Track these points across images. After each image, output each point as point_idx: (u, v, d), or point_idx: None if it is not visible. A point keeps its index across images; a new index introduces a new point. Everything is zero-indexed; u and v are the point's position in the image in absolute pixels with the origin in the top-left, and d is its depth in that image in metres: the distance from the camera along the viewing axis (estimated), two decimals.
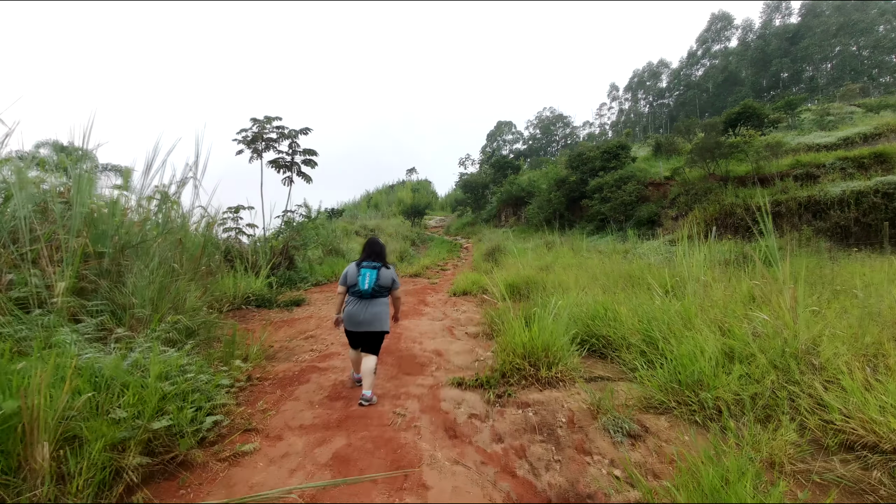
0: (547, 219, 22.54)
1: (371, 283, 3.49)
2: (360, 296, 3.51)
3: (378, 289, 3.53)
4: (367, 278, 3.50)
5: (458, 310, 7.58)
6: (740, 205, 14.76)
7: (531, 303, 6.93)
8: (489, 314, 5.78)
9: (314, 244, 14.05)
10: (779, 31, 53.01)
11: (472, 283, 9.75)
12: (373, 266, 3.56)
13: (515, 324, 3.90)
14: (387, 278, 3.59)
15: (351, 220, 27.69)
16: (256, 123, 11.51)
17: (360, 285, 3.49)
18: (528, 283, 8.62)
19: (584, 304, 5.26)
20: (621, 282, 6.98)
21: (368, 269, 3.55)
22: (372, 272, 3.53)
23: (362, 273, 3.53)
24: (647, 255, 12.41)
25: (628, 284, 6.76)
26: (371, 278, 3.51)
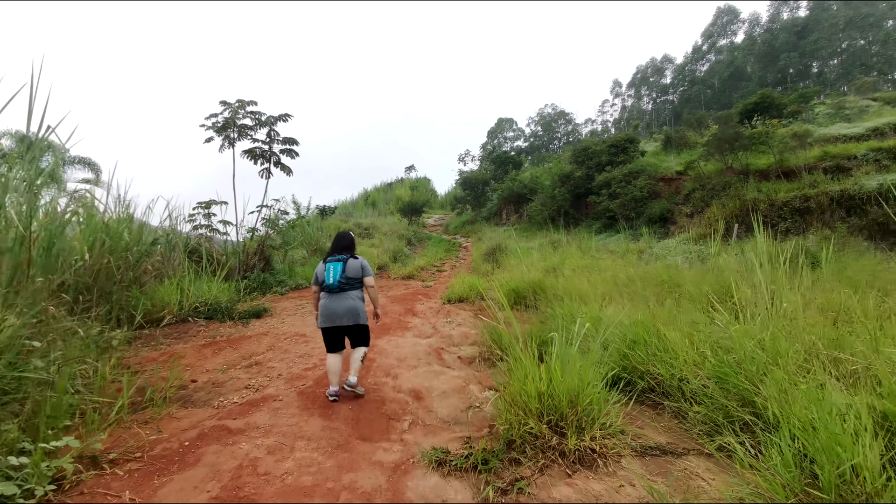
0: (551, 216, 21.27)
1: (336, 275, 3.37)
2: (330, 290, 3.37)
3: (346, 281, 3.38)
4: (331, 272, 3.39)
5: (452, 322, 6.32)
6: (764, 200, 13.48)
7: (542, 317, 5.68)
8: (490, 333, 4.51)
9: (297, 243, 12.78)
10: (787, 25, 51.65)
11: (469, 287, 8.49)
12: (337, 259, 3.45)
13: (527, 362, 2.63)
14: (354, 269, 3.45)
15: (345, 217, 26.45)
16: (228, 108, 10.24)
17: (328, 279, 3.38)
18: (535, 288, 7.36)
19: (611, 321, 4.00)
20: (651, 290, 5.71)
21: (333, 262, 3.44)
22: (337, 265, 3.42)
23: (327, 267, 3.43)
24: (666, 256, 11.14)
25: (661, 293, 5.49)
26: (336, 271, 3.39)
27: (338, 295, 3.36)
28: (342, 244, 3.63)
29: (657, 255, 11.42)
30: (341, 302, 3.33)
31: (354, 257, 3.52)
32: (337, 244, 3.64)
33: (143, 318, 5.49)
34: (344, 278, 3.37)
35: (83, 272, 5.16)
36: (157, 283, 6.42)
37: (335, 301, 3.34)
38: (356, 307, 3.37)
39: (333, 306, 3.32)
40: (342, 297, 3.35)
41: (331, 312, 3.32)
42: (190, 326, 5.54)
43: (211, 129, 10.23)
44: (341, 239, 3.69)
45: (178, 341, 4.92)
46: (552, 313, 5.48)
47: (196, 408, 3.11)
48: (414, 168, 49.74)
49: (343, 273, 3.37)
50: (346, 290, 3.37)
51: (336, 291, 3.35)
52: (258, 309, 6.29)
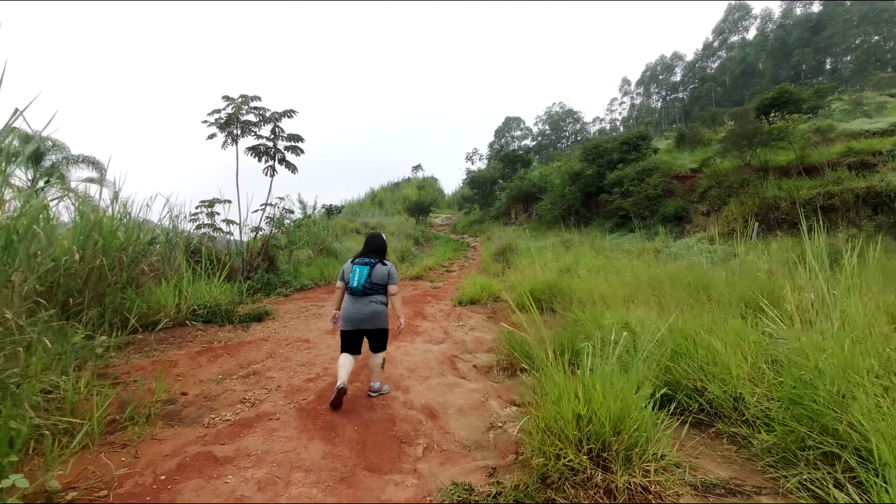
0: (561, 215, 20.85)
1: (361, 279, 3.30)
2: (353, 293, 3.32)
3: (370, 286, 3.32)
4: (356, 275, 3.32)
5: (464, 325, 5.95)
6: (785, 197, 12.98)
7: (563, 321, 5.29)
8: (508, 339, 4.14)
9: (302, 243, 12.48)
10: (800, 21, 50.69)
11: (481, 288, 8.11)
12: (365, 262, 3.37)
13: (559, 378, 2.26)
14: (380, 275, 3.37)
15: (351, 217, 26.16)
16: (231, 103, 9.94)
17: (351, 282, 3.32)
18: (552, 290, 6.97)
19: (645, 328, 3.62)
20: (678, 292, 5.30)
21: (360, 265, 3.36)
22: (363, 269, 3.34)
23: (353, 269, 3.36)
24: (685, 255, 10.70)
25: (690, 296, 5.08)
26: (361, 275, 3.31)
27: (360, 298, 3.32)
28: (373, 246, 3.55)
29: (675, 254, 10.98)
30: (364, 306, 3.29)
31: (383, 263, 3.43)
32: (368, 245, 3.57)
33: (137, 322, 5.18)
34: (368, 283, 3.31)
35: (74, 273, 4.86)
36: (156, 284, 6.12)
37: (358, 304, 3.30)
38: (378, 311, 3.34)
39: (355, 310, 3.29)
40: (365, 301, 3.31)
41: (353, 316, 3.29)
42: (187, 331, 5.21)
43: (213, 126, 9.93)
44: (373, 240, 3.60)
45: (172, 347, 4.59)
46: (574, 318, 5.10)
47: (183, 426, 2.77)
48: (421, 167, 49.51)
49: (368, 278, 3.31)
50: (369, 294, 3.33)
51: (359, 295, 3.31)
52: (259, 312, 5.95)
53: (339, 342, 3.38)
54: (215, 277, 6.94)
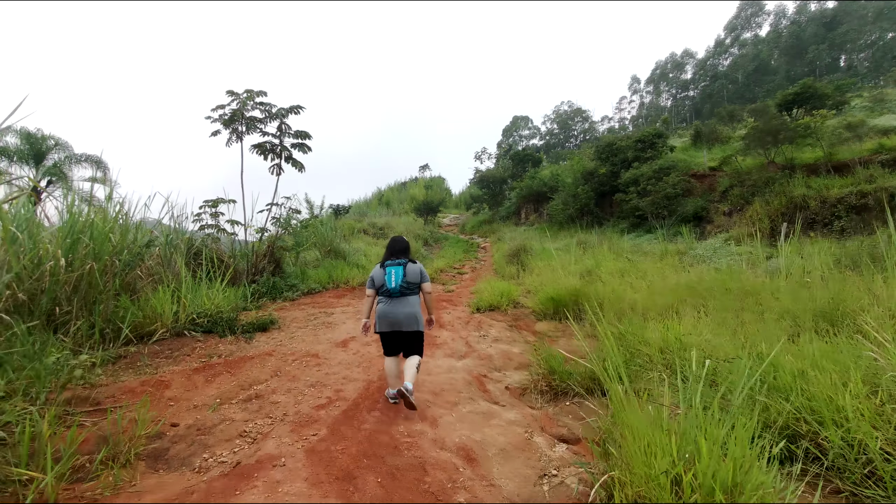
0: (573, 216, 20.28)
1: (398, 279, 3.28)
2: (390, 295, 3.31)
3: (406, 285, 3.31)
4: (393, 276, 3.30)
5: (486, 336, 5.45)
6: (814, 196, 12.34)
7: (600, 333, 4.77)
8: (545, 356, 3.63)
9: (309, 244, 12.02)
10: (815, 16, 49.65)
11: (499, 294, 7.60)
12: (398, 263, 3.36)
13: (641, 422, 1.75)
14: (414, 273, 3.39)
15: (359, 217, 25.73)
16: (235, 98, 9.50)
17: (388, 283, 3.28)
18: (577, 297, 6.44)
19: (719, 349, 3.11)
20: (730, 302, 4.76)
21: (393, 266, 3.35)
22: (398, 268, 3.33)
23: (388, 271, 3.33)
24: (712, 258, 10.12)
25: (743, 307, 4.54)
26: (398, 275, 3.30)
27: (398, 300, 3.29)
28: (399, 247, 3.50)
29: (700, 256, 10.40)
30: (402, 307, 3.28)
31: (412, 261, 3.43)
32: (393, 247, 3.51)
33: (131, 332, 4.73)
34: (405, 283, 3.28)
35: (60, 280, 4.41)
36: (154, 290, 5.68)
37: (396, 306, 3.28)
38: (416, 313, 3.32)
39: (394, 311, 3.26)
40: (403, 303, 3.29)
41: (391, 318, 3.26)
42: (185, 342, 4.75)
43: (217, 122, 9.50)
44: (397, 242, 3.56)
45: (167, 361, 4.13)
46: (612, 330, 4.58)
47: (170, 469, 2.29)
48: (428, 167, 49.05)
49: (404, 277, 3.28)
50: (406, 294, 3.32)
51: (397, 296, 3.29)
52: (264, 321, 5.47)
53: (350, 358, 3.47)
54: (218, 281, 6.49)
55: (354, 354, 4.43)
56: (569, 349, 4.66)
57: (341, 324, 5.77)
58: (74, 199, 5.07)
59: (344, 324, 5.77)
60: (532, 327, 6.14)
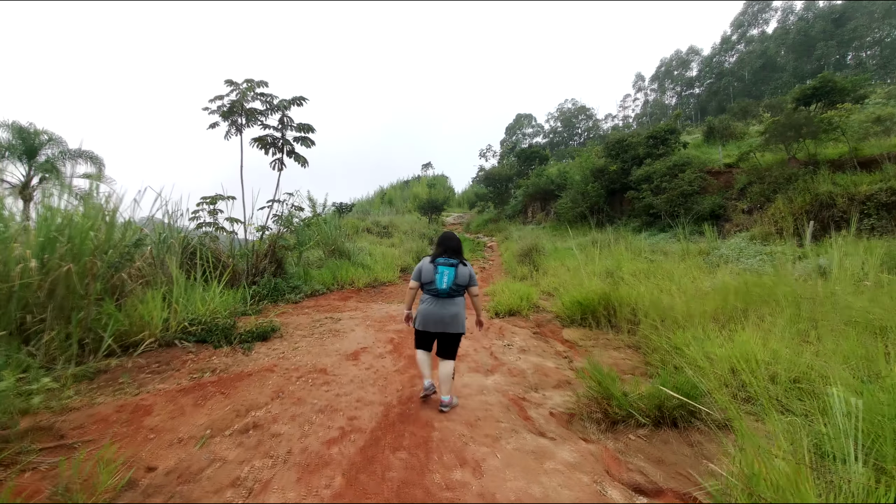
0: (583, 214, 19.72)
1: (449, 281, 3.20)
2: (437, 294, 3.22)
3: (456, 288, 3.24)
4: (444, 276, 3.21)
5: (511, 346, 4.90)
6: (841, 194, 11.75)
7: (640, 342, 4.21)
8: (594, 374, 3.07)
9: (312, 243, 11.48)
10: (823, 13, 48.93)
11: (518, 297, 7.05)
12: (450, 263, 3.24)
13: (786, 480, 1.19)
14: (464, 276, 3.30)
15: (362, 216, 25.19)
16: (235, 88, 8.95)
17: (438, 284, 3.20)
18: (606, 301, 5.89)
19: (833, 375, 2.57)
20: (788, 310, 4.19)
21: (446, 266, 3.24)
22: (450, 269, 3.23)
23: (440, 271, 3.24)
24: (739, 258, 9.56)
25: (797, 315, 3.98)
26: (449, 276, 3.21)
27: (445, 300, 3.23)
28: (452, 245, 3.36)
29: (726, 257, 9.84)
30: (448, 308, 3.22)
31: (464, 263, 3.35)
32: (447, 244, 3.35)
33: (115, 342, 4.20)
34: (455, 285, 3.22)
35: (30, 284, 3.88)
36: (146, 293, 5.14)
37: (442, 307, 3.21)
38: (461, 315, 3.27)
39: (440, 312, 3.20)
40: (449, 303, 3.23)
41: (436, 318, 3.19)
42: (175, 354, 4.21)
43: (216, 114, 8.96)
44: (450, 240, 3.39)
45: (153, 378, 3.59)
46: (659, 342, 4.03)
47: None
48: (431, 165, 48.53)
49: (455, 280, 3.22)
50: (453, 296, 3.26)
51: (444, 296, 3.23)
52: (264, 329, 4.91)
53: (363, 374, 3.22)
54: (214, 284, 5.95)
55: (367, 369, 3.89)
56: (609, 362, 4.11)
57: (350, 331, 5.22)
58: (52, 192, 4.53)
59: (353, 331, 5.22)
60: (559, 334, 5.59)
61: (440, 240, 3.43)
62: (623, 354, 4.48)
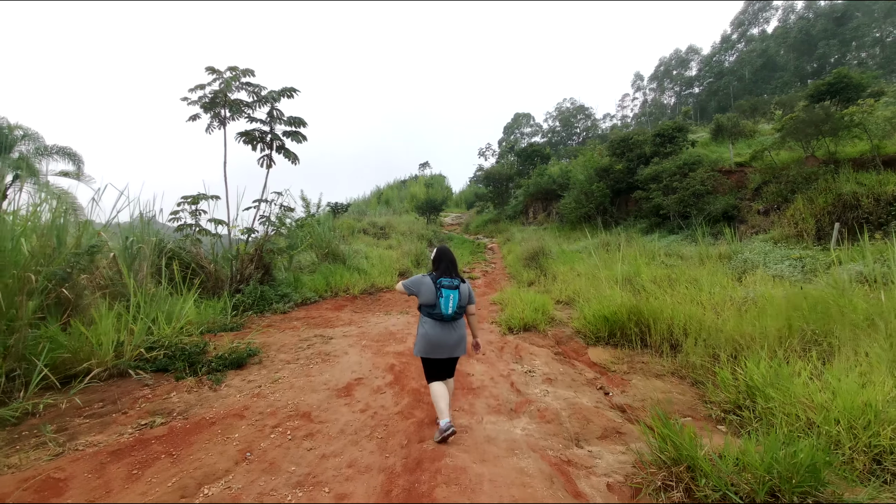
0: (587, 215, 19.01)
1: (454, 305, 3.01)
2: (443, 319, 2.99)
3: (460, 310, 3.07)
4: (450, 301, 2.99)
5: (534, 372, 4.14)
6: (867, 194, 11.06)
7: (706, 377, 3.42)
8: (661, 432, 2.31)
9: (305, 246, 10.69)
10: (825, 11, 48.47)
11: (532, 308, 6.30)
12: (454, 286, 3.04)
13: None
14: (465, 296, 3.12)
15: (358, 216, 24.38)
16: (218, 77, 8.15)
17: (444, 309, 2.98)
18: (637, 316, 5.14)
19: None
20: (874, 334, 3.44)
21: (450, 289, 3.02)
22: (454, 293, 3.02)
23: (444, 295, 2.99)
24: (765, 263, 8.84)
25: None
26: (454, 300, 3.01)
27: (451, 324, 3.03)
28: (451, 259, 3.18)
29: (751, 261, 9.12)
30: (455, 332, 3.04)
31: (463, 280, 3.16)
32: (445, 260, 3.15)
33: (55, 374, 3.42)
34: (459, 308, 3.05)
35: None
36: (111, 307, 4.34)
37: (450, 332, 3.01)
38: (465, 336, 3.11)
39: (446, 337, 2.99)
40: (456, 326, 3.06)
41: (443, 344, 2.99)
42: (127, 388, 3.42)
43: (196, 104, 8.15)
44: (447, 254, 3.21)
45: (90, 425, 2.81)
46: (726, 376, 3.26)
47: None
48: (428, 165, 47.75)
49: (459, 302, 3.04)
50: (457, 318, 3.07)
51: (449, 321, 3.02)
52: (240, 354, 4.09)
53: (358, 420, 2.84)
54: (188, 295, 5.16)
55: (363, 411, 3.12)
56: (659, 397, 3.36)
57: (342, 355, 4.44)
58: None
59: (346, 354, 4.44)
60: (584, 355, 4.84)
61: (440, 255, 3.20)
62: (669, 385, 3.74)
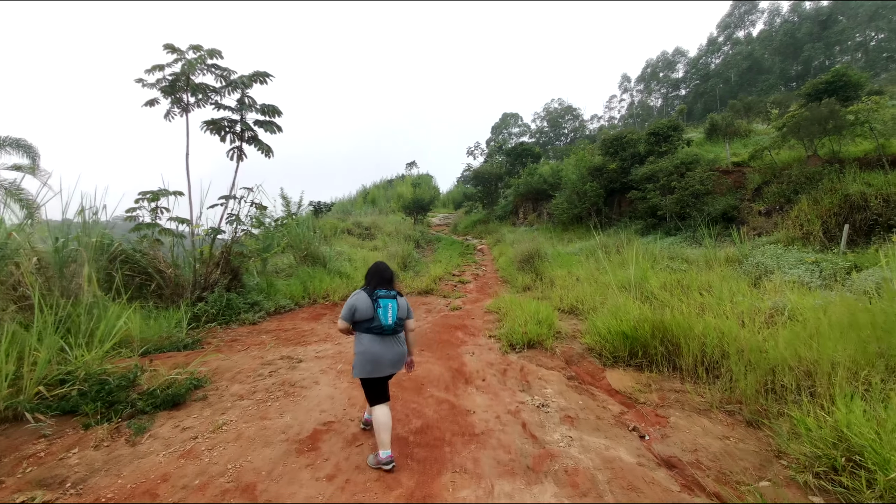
0: (580, 215, 18.38)
1: (394, 315, 2.79)
2: (382, 332, 2.76)
3: (399, 322, 2.85)
4: (389, 311, 2.78)
5: (548, 407, 3.36)
6: (875, 194, 10.56)
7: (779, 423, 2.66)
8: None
9: (280, 247, 9.78)
10: (810, 15, 48.89)
11: (535, 319, 5.52)
12: (392, 296, 2.84)
13: None
14: (403, 308, 2.93)
15: (343, 216, 23.42)
16: (179, 57, 7.21)
17: (383, 320, 2.74)
18: (662, 332, 4.40)
19: None
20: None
21: (388, 299, 2.81)
22: (392, 302, 2.81)
23: (382, 305, 2.77)
24: (780, 267, 8.21)
25: None
26: (394, 309, 2.80)
27: (389, 338, 2.77)
28: (389, 275, 2.92)
29: (762, 265, 8.49)
30: (393, 347, 2.78)
31: (400, 294, 2.89)
32: (382, 275, 2.90)
33: None
34: (398, 319, 2.81)
35: None
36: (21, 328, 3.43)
37: (388, 345, 2.75)
38: (404, 352, 2.87)
39: (385, 353, 2.72)
40: (396, 341, 2.81)
41: (382, 360, 2.70)
42: (14, 442, 2.54)
43: (154, 88, 7.21)
44: (385, 270, 2.94)
45: None
46: (808, 422, 2.51)
47: None
48: (415, 164, 46.84)
49: (397, 313, 2.80)
50: (397, 332, 2.82)
51: (389, 334, 2.76)
52: (177, 390, 3.18)
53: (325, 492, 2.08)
54: (117, 308, 4.25)
55: (330, 480, 2.28)
56: (714, 449, 2.60)
57: (311, 385, 3.58)
58: None
59: (316, 384, 3.59)
60: (601, 379, 4.08)
61: (373, 271, 2.97)
62: (719, 425, 3.00)
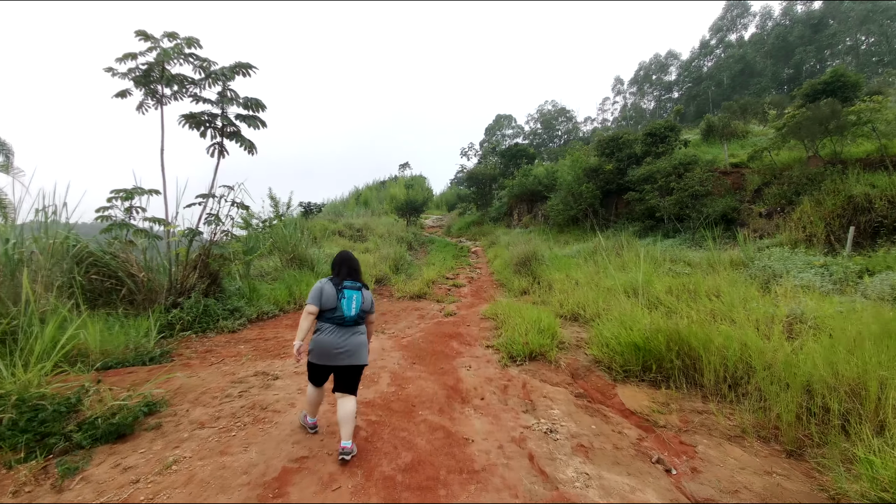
0: (576, 217, 18.04)
1: (357, 307, 2.82)
2: (342, 323, 2.78)
3: (362, 315, 2.87)
4: (353, 302, 2.81)
5: (557, 433, 2.95)
6: (880, 195, 10.29)
7: None
8: None
9: (265, 249, 9.29)
10: (802, 18, 49.15)
11: (537, 328, 5.10)
12: (356, 287, 2.88)
13: None
14: (368, 302, 2.94)
15: (334, 217, 22.91)
16: (153, 45, 6.72)
17: (346, 311, 2.77)
18: (679, 345, 4.00)
19: None
20: None
21: (353, 290, 2.85)
22: (357, 294, 2.85)
23: (347, 295, 2.81)
24: (789, 271, 7.87)
25: None
26: (357, 301, 2.83)
27: (350, 329, 2.79)
28: (354, 266, 2.98)
29: (769, 268, 8.14)
30: (353, 337, 2.78)
31: (365, 286, 2.94)
32: (349, 266, 2.96)
33: None
34: (362, 311, 2.84)
35: None
36: None
37: (344, 335, 2.75)
38: (364, 343, 2.84)
39: (341, 342, 2.71)
40: (355, 332, 2.81)
41: (336, 349, 2.70)
42: None
43: (126, 77, 6.71)
44: (351, 260, 3.00)
45: None
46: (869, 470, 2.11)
47: None
48: (409, 165, 46.33)
49: (361, 306, 2.83)
50: (359, 323, 2.85)
51: (349, 325, 2.78)
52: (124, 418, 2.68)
53: None
54: (56, 319, 3.77)
55: None
56: (757, 489, 2.19)
57: (286, 408, 3.11)
58: None
59: (292, 407, 3.12)
60: (613, 397, 3.67)
61: (340, 261, 3.01)
62: (756, 457, 2.58)
